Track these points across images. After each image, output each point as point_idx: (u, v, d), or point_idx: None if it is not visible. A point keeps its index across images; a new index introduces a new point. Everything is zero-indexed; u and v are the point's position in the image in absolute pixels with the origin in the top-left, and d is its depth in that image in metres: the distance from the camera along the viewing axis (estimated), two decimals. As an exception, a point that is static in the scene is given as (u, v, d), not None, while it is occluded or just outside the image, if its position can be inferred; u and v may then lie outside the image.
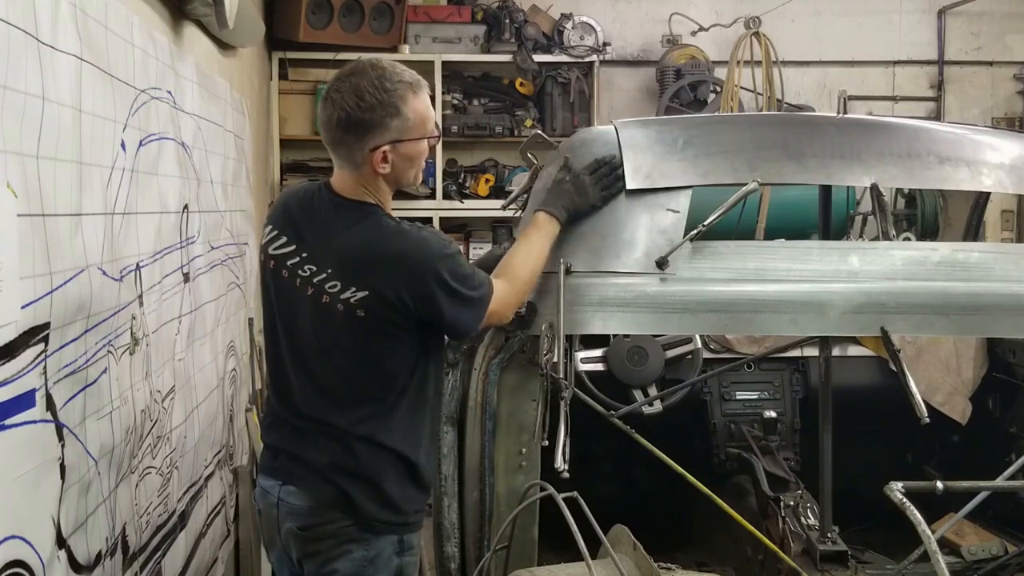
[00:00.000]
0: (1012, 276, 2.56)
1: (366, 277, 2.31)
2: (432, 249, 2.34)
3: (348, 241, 2.35)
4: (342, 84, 2.34)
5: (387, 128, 2.33)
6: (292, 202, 2.51)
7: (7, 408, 1.87)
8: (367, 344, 2.35)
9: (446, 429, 2.82)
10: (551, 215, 2.54)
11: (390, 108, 2.32)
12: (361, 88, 2.31)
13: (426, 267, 2.31)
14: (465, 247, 6.73)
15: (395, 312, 2.31)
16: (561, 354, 2.41)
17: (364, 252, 2.34)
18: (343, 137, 2.35)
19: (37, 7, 2.03)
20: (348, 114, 2.31)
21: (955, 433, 3.92)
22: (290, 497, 2.41)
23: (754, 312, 2.51)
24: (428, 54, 6.58)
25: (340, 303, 2.32)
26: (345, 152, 2.37)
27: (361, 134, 2.33)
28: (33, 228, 2.00)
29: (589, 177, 2.57)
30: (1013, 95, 7.52)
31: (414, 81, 2.37)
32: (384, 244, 2.34)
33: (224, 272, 4.12)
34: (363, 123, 2.31)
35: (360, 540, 2.37)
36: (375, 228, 2.36)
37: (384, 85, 2.32)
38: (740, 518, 2.57)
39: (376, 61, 2.38)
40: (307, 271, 2.38)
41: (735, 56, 6.53)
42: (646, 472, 3.99)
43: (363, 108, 2.30)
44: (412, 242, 2.34)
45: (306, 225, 2.43)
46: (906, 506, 1.64)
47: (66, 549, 2.17)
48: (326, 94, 2.37)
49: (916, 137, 2.77)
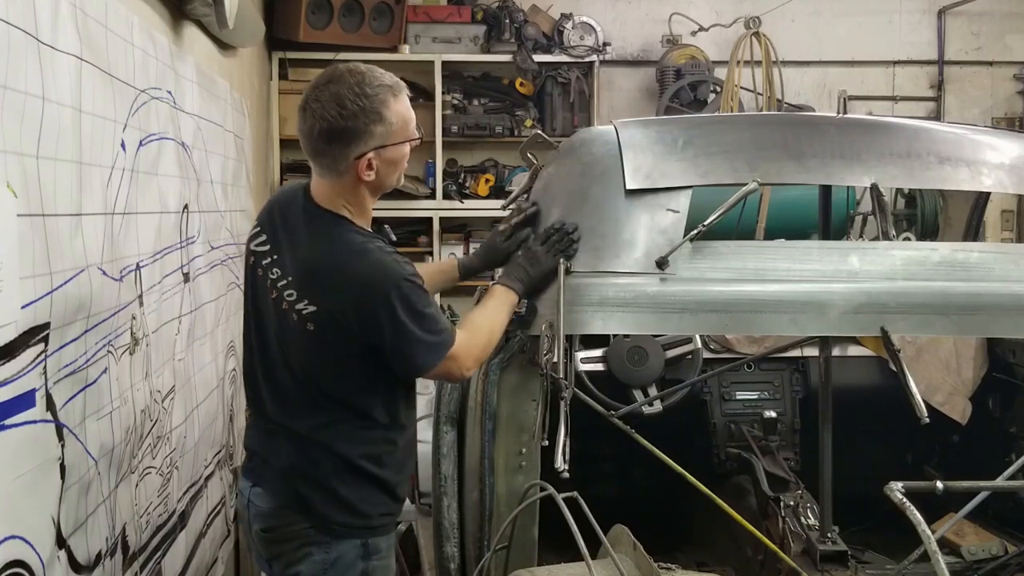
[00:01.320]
0: (1012, 276, 2.56)
1: (318, 291, 2.29)
2: (388, 274, 2.26)
3: (309, 252, 2.33)
4: (320, 93, 2.28)
5: (371, 135, 2.28)
6: (276, 202, 2.51)
7: (7, 408, 1.87)
8: (315, 358, 2.33)
9: (446, 429, 2.82)
10: (507, 287, 2.53)
11: (373, 115, 2.26)
12: (341, 96, 2.25)
13: (377, 290, 2.24)
14: (465, 247, 6.73)
15: (341, 332, 2.27)
16: (561, 354, 2.41)
17: (320, 265, 2.30)
18: (326, 148, 2.29)
19: (37, 7, 2.03)
20: (330, 124, 2.25)
21: (955, 433, 3.92)
22: (257, 499, 2.43)
23: (754, 312, 2.51)
24: (428, 54, 6.58)
25: (295, 313, 2.32)
26: (328, 162, 2.32)
27: (345, 143, 2.27)
28: (33, 228, 2.00)
29: (541, 247, 2.55)
30: (1013, 95, 7.52)
31: (394, 84, 2.32)
32: (341, 260, 2.29)
33: (224, 272, 4.12)
34: (346, 132, 2.26)
35: (320, 543, 2.37)
36: (339, 242, 2.31)
37: (364, 91, 2.26)
38: (740, 518, 2.57)
39: (353, 67, 2.32)
40: (275, 274, 2.38)
41: (735, 56, 6.53)
42: (646, 472, 3.99)
43: (345, 116, 2.25)
44: (370, 263, 2.28)
45: (282, 227, 2.42)
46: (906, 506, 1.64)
47: (66, 549, 2.17)
48: (303, 103, 2.30)
49: (916, 137, 2.77)
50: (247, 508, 2.46)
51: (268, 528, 2.41)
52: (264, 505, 2.42)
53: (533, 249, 2.57)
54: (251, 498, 2.44)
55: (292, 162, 6.58)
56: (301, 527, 2.37)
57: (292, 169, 6.54)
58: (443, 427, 2.82)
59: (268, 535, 2.42)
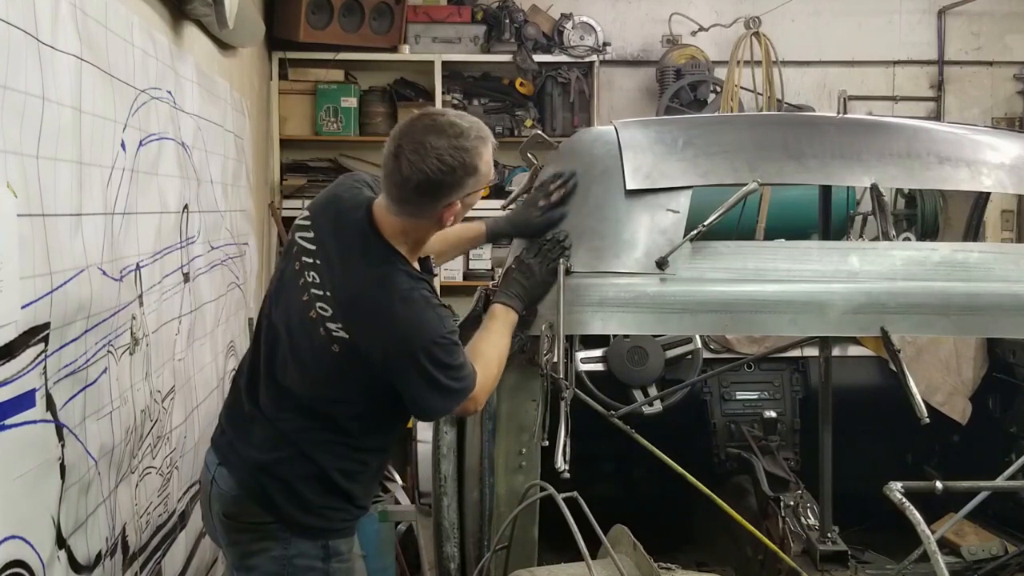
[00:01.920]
0: (1012, 276, 2.55)
1: (353, 322, 2.31)
2: (426, 331, 2.28)
3: (356, 279, 2.33)
4: (419, 145, 2.25)
5: (464, 187, 2.30)
6: (339, 205, 2.44)
7: (7, 408, 1.87)
8: (328, 376, 2.36)
9: (446, 429, 2.82)
10: (506, 305, 2.53)
11: (470, 168, 2.28)
12: (441, 151, 2.24)
13: (411, 345, 2.27)
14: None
15: (363, 366, 2.31)
16: (561, 354, 2.41)
17: (363, 297, 2.32)
18: (419, 199, 2.29)
19: (37, 7, 2.03)
20: (428, 178, 2.25)
21: (955, 433, 3.92)
22: (221, 480, 2.45)
23: (754, 312, 2.51)
24: (428, 54, 6.58)
25: (323, 328, 2.33)
26: (412, 209, 2.32)
27: (440, 196, 2.29)
28: (33, 228, 2.00)
29: (533, 259, 2.56)
30: (1013, 95, 7.51)
31: (484, 133, 2.33)
32: (385, 301, 2.30)
33: (224, 272, 4.12)
34: (444, 185, 2.27)
35: (280, 539, 2.39)
36: (387, 282, 2.31)
37: (464, 145, 2.27)
38: (740, 518, 2.57)
39: (451, 119, 2.30)
40: (312, 278, 2.37)
41: (735, 56, 6.53)
42: (646, 472, 3.99)
43: (444, 172, 2.25)
44: (411, 314, 2.29)
45: (333, 235, 2.39)
46: (906, 506, 1.64)
47: (66, 549, 2.17)
48: (396, 149, 2.27)
49: (916, 137, 2.77)
50: (211, 483, 2.47)
51: (229, 514, 2.44)
52: (227, 489, 2.44)
53: (527, 262, 2.57)
54: (215, 476, 2.46)
55: (292, 162, 6.58)
56: (262, 520, 2.40)
57: (292, 169, 6.54)
58: (443, 427, 2.82)
59: (228, 521, 2.45)
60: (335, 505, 2.43)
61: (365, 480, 2.48)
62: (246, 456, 2.42)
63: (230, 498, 2.43)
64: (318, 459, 2.38)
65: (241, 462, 2.43)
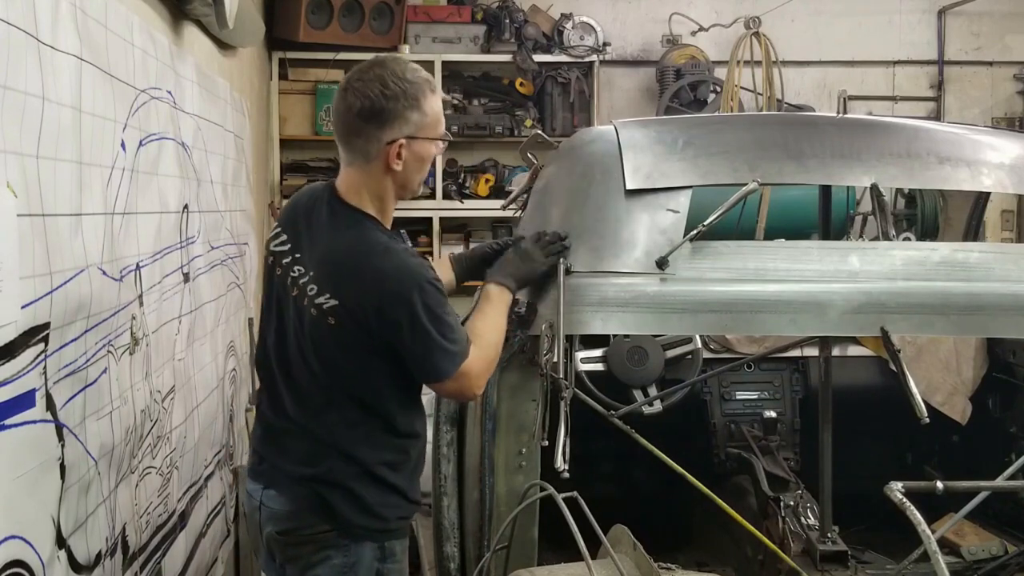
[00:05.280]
0: (1012, 276, 2.55)
1: (339, 286, 2.30)
2: (412, 275, 2.28)
3: (333, 246, 2.34)
4: (364, 74, 2.33)
5: (407, 121, 2.31)
6: (298, 201, 2.50)
7: (7, 408, 1.87)
8: (334, 353, 2.33)
9: (446, 429, 2.82)
10: (501, 284, 2.53)
11: (412, 100, 2.31)
12: (385, 78, 2.30)
13: (399, 291, 2.26)
14: (465, 247, 6.72)
15: (360, 328, 2.28)
16: (561, 354, 2.41)
17: (344, 260, 2.32)
18: (363, 127, 2.32)
19: (37, 7, 2.03)
20: (372, 102, 2.29)
21: (955, 433, 3.92)
22: (271, 501, 2.41)
23: (754, 312, 2.51)
24: (428, 54, 6.58)
25: (315, 307, 2.31)
26: (361, 144, 2.34)
27: (382, 123, 2.30)
28: (33, 228, 2.00)
29: (533, 245, 2.57)
30: (1013, 95, 7.52)
31: (431, 79, 2.39)
32: (364, 256, 2.30)
33: (224, 272, 4.12)
34: (385, 112, 2.30)
35: (340, 546, 2.35)
36: (362, 239, 2.33)
37: (407, 76, 2.32)
38: (740, 518, 2.57)
39: (397, 56, 2.41)
40: (296, 272, 2.38)
41: (735, 56, 6.53)
42: (646, 472, 3.99)
43: (387, 96, 2.29)
44: (393, 262, 2.30)
45: (304, 226, 2.42)
46: (906, 506, 1.64)
47: (66, 549, 2.17)
48: (346, 84, 2.34)
49: (916, 137, 2.77)
50: (259, 510, 2.43)
51: (285, 531, 2.38)
52: (279, 507, 2.39)
53: (526, 247, 2.58)
54: (263, 500, 2.41)
55: (292, 162, 6.59)
56: (320, 530, 2.35)
57: (292, 169, 6.54)
58: (443, 427, 2.82)
59: (285, 537, 2.39)
60: (390, 501, 2.38)
61: (408, 470, 2.43)
62: (293, 472, 2.38)
63: (284, 514, 2.38)
64: (359, 456, 2.34)
65: (289, 479, 2.39)
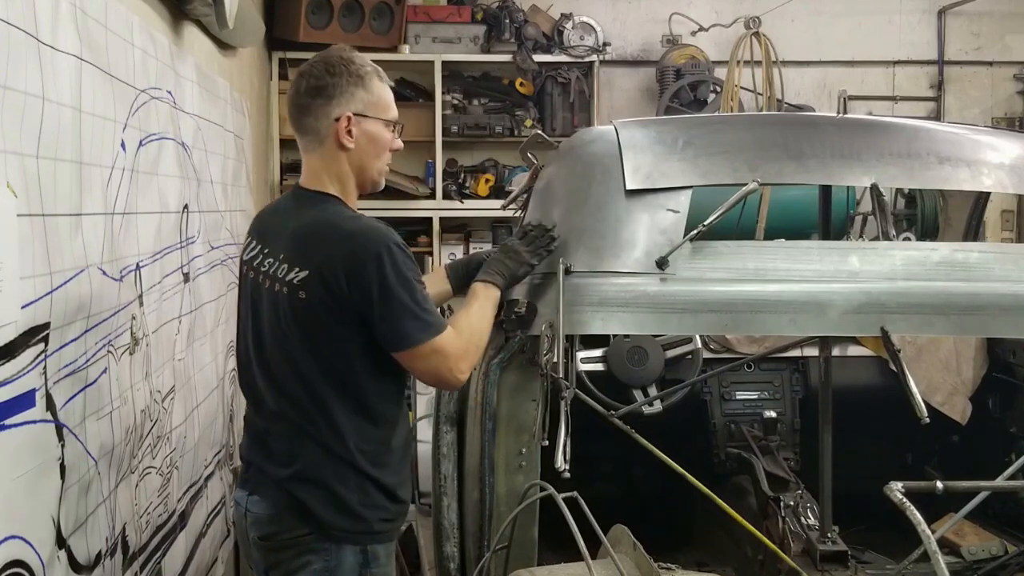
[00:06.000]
0: (1012, 276, 2.55)
1: (309, 256, 2.31)
2: (379, 236, 2.29)
3: (299, 225, 2.38)
4: (312, 60, 2.45)
5: (352, 97, 2.39)
6: (265, 211, 2.65)
7: (7, 408, 1.87)
8: (308, 330, 2.31)
9: (446, 429, 2.82)
10: (487, 283, 2.54)
11: (355, 79, 2.40)
12: (329, 59, 2.42)
13: (366, 250, 2.27)
14: (465, 247, 6.72)
15: (331, 296, 2.27)
16: (561, 354, 2.41)
17: (311, 231, 2.35)
18: (310, 103, 2.40)
19: (37, 7, 2.03)
20: (316, 79, 2.39)
21: (955, 433, 3.92)
22: (254, 506, 2.40)
23: (754, 312, 2.50)
24: (428, 54, 6.58)
25: (286, 286, 2.32)
26: (312, 123, 2.41)
27: (327, 98, 2.38)
28: (33, 228, 2.00)
29: (519, 242, 2.60)
30: (1013, 95, 7.51)
31: (379, 71, 2.47)
32: (333, 225, 2.35)
33: (224, 272, 4.12)
34: (329, 87, 2.38)
35: (319, 550, 2.33)
36: (330, 213, 2.39)
37: (352, 59, 2.42)
38: (740, 518, 2.57)
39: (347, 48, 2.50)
40: (267, 265, 2.40)
41: (735, 56, 6.53)
42: (646, 472, 3.99)
43: (331, 74, 2.38)
44: (360, 226, 2.34)
45: (271, 224, 2.50)
46: (906, 506, 1.64)
47: (66, 549, 2.17)
48: (296, 73, 2.47)
49: (916, 137, 2.77)
50: (244, 517, 2.43)
51: (266, 535, 2.38)
52: (261, 512, 2.38)
53: (513, 245, 2.60)
54: (248, 506, 2.41)
55: (292, 162, 6.57)
56: (300, 534, 2.34)
57: (292, 169, 6.53)
58: (443, 427, 2.82)
59: (266, 542, 2.38)
60: (371, 500, 2.36)
61: (392, 465, 2.41)
62: (273, 475, 2.38)
63: (264, 518, 2.38)
64: (339, 448, 2.32)
65: (269, 482, 2.38)
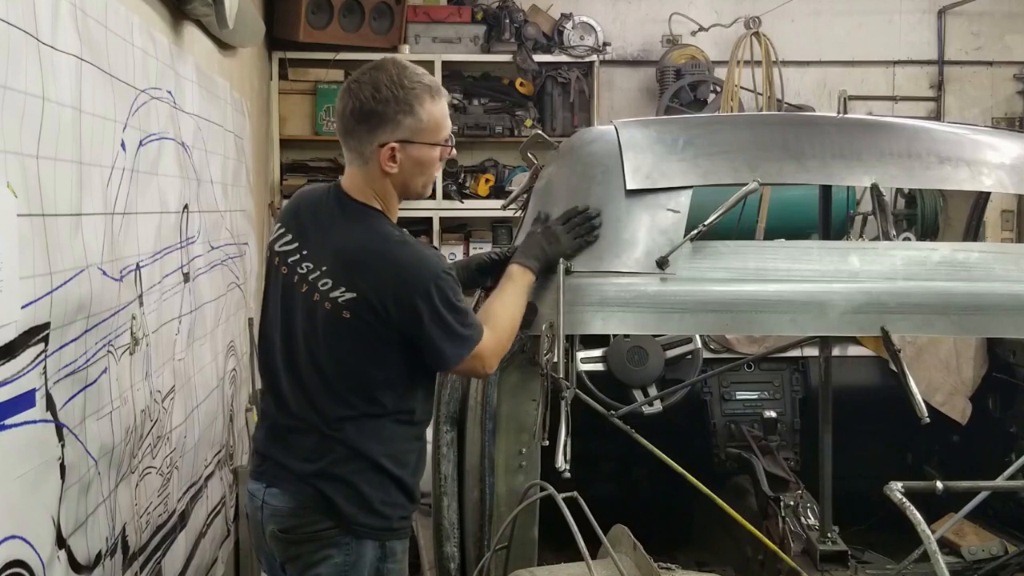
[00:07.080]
0: (1012, 276, 2.55)
1: (356, 278, 2.30)
2: (430, 266, 2.30)
3: (346, 240, 2.34)
4: (363, 76, 2.34)
5: (399, 125, 2.31)
6: (302, 201, 2.51)
7: (7, 408, 1.87)
8: (347, 347, 2.32)
9: (446, 429, 2.82)
10: (524, 266, 2.51)
11: (404, 105, 2.31)
12: (379, 81, 2.31)
13: (418, 282, 2.27)
14: (465, 247, 6.73)
15: (377, 319, 2.28)
16: (561, 354, 2.41)
17: (359, 253, 2.32)
18: (355, 128, 2.34)
19: (37, 7, 2.03)
20: (362, 104, 2.31)
21: (955, 433, 3.92)
22: (273, 499, 2.39)
23: (754, 312, 2.51)
24: (428, 54, 6.58)
25: (328, 301, 2.31)
26: (355, 144, 2.36)
27: (372, 127, 2.32)
28: (33, 228, 2.00)
29: (561, 227, 2.56)
30: (1013, 95, 7.52)
31: (434, 85, 2.37)
32: (382, 249, 2.32)
33: (224, 272, 4.13)
34: (375, 115, 2.31)
35: (341, 544, 2.34)
36: (377, 232, 2.35)
37: (403, 82, 2.31)
38: (740, 518, 2.57)
39: (399, 60, 2.39)
40: (304, 268, 2.37)
41: (735, 56, 6.53)
42: (646, 472, 3.99)
43: (377, 100, 2.30)
44: (411, 254, 2.32)
45: (311, 223, 2.42)
46: (906, 506, 1.64)
47: (66, 549, 2.17)
48: (346, 86, 2.36)
49: (916, 137, 2.77)
50: (260, 509, 2.42)
51: (287, 528, 2.37)
52: (282, 505, 2.38)
53: (553, 228, 2.56)
54: (266, 499, 2.40)
55: (292, 162, 6.59)
56: (322, 527, 2.34)
57: (292, 169, 6.54)
58: (443, 427, 2.82)
59: (286, 535, 2.38)
60: (392, 500, 2.38)
61: (412, 464, 2.42)
62: (297, 469, 2.36)
63: (286, 511, 2.37)
64: (365, 449, 2.33)
65: (292, 476, 2.37)
